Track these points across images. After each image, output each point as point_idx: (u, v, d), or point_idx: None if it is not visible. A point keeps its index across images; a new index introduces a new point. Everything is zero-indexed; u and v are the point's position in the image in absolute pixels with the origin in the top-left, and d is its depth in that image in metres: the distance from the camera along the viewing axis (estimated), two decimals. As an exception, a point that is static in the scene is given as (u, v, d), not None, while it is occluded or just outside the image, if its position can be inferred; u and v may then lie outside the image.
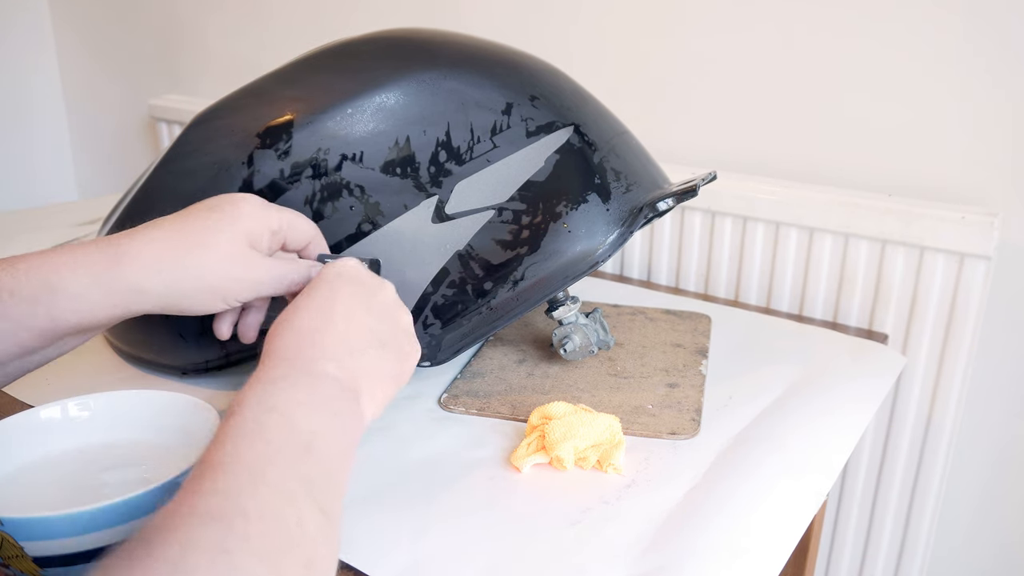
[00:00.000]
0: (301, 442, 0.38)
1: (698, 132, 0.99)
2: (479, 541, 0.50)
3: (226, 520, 0.32)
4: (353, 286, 0.49)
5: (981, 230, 0.77)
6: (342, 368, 0.44)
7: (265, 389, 0.41)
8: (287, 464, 0.37)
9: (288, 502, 0.35)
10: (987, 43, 0.80)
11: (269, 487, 0.35)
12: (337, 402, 0.43)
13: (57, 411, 0.51)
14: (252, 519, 0.33)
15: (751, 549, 0.49)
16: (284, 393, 0.41)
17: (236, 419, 0.38)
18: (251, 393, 0.40)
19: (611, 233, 0.61)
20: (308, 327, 0.45)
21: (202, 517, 0.32)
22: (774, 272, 0.91)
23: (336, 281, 0.48)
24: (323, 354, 0.44)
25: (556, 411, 0.59)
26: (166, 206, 0.62)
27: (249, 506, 0.33)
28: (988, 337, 0.86)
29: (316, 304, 0.47)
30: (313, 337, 0.45)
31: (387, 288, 0.51)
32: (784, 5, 0.89)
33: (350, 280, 0.49)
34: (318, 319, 0.46)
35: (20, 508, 0.45)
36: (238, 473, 0.35)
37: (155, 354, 0.67)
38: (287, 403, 0.40)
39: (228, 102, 0.64)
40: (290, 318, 0.46)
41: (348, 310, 0.47)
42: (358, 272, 0.50)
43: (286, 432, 0.38)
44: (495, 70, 0.63)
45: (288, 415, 0.39)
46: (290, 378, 0.42)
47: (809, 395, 0.67)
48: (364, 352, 0.46)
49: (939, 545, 0.94)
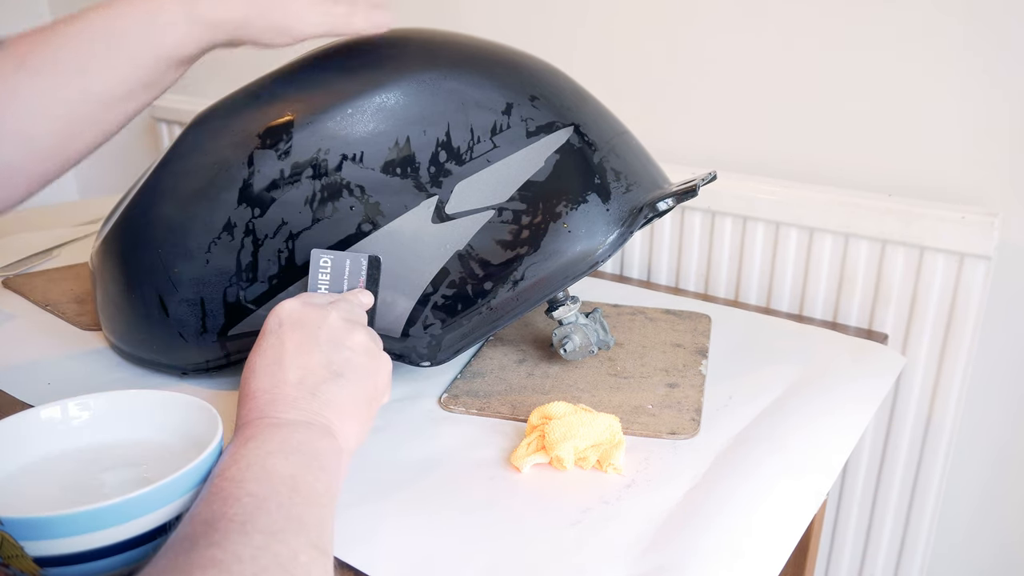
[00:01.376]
0: (285, 488, 0.40)
1: (698, 132, 0.99)
2: (479, 541, 0.50)
3: (224, 566, 0.34)
4: (297, 330, 0.49)
5: (981, 230, 0.77)
6: (305, 412, 0.46)
7: (239, 452, 0.43)
8: (275, 508, 0.39)
9: (281, 541, 0.37)
10: (986, 43, 0.80)
11: (261, 532, 0.37)
12: (310, 444, 0.44)
13: (57, 411, 0.51)
14: (246, 561, 0.35)
15: (751, 549, 0.49)
16: (258, 450, 0.43)
17: (218, 482, 0.40)
18: (228, 458, 0.42)
19: (611, 233, 0.61)
20: (263, 387, 0.47)
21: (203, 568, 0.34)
22: (774, 272, 0.91)
23: (279, 330, 0.50)
24: (285, 407, 0.46)
25: (556, 411, 0.59)
26: (166, 206, 0.63)
27: (243, 552, 0.35)
28: (988, 337, 0.86)
29: (266, 362, 0.48)
30: (271, 394, 0.47)
31: (330, 316, 0.51)
32: (784, 6, 0.89)
33: (293, 325, 0.50)
34: (271, 376, 0.48)
35: (20, 508, 0.45)
36: (229, 528, 0.37)
37: (155, 354, 0.67)
38: (263, 457, 0.42)
39: (228, 102, 0.64)
40: (247, 381, 0.48)
41: (297, 355, 0.48)
42: (300, 312, 0.51)
43: (267, 482, 0.40)
44: (495, 70, 0.63)
45: (266, 467, 0.41)
46: (259, 436, 0.44)
47: (809, 395, 0.67)
48: (322, 390, 0.47)
49: (939, 544, 0.94)
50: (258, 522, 0.37)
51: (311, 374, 0.48)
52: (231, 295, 0.62)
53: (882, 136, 0.87)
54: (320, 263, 0.57)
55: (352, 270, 0.57)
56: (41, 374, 0.70)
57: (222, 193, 0.60)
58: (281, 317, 0.50)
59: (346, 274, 0.57)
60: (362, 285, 0.58)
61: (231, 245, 0.61)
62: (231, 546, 0.35)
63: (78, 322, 0.80)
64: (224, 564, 0.34)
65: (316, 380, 0.48)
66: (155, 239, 0.63)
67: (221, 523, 0.37)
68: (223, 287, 0.62)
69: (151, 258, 0.63)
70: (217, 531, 0.36)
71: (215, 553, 0.35)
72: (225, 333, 0.63)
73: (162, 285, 0.63)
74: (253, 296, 0.61)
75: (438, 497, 0.54)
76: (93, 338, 0.76)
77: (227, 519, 0.37)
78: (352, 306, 0.54)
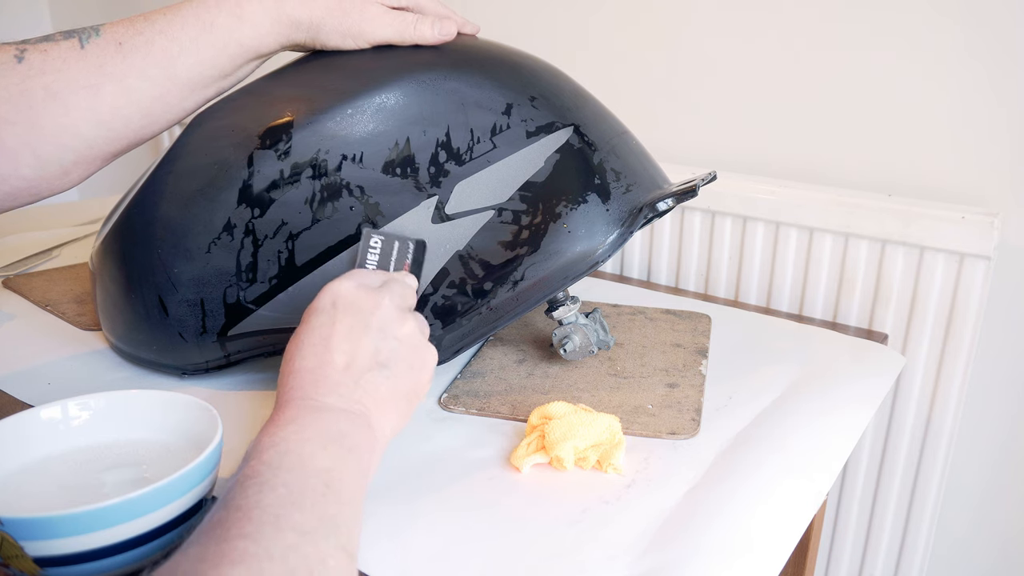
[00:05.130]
0: (319, 482, 0.40)
1: (698, 132, 0.99)
2: (479, 541, 0.50)
3: (254, 563, 0.34)
4: (349, 313, 0.49)
5: (981, 230, 0.77)
6: (347, 399, 0.46)
7: (278, 434, 0.43)
8: (310, 505, 0.39)
9: (312, 543, 0.37)
10: (986, 44, 0.80)
11: (294, 530, 0.37)
12: (348, 437, 0.44)
13: (57, 411, 0.51)
14: (276, 560, 0.35)
15: (751, 549, 0.49)
16: (296, 435, 0.43)
17: (255, 464, 0.40)
18: (266, 438, 0.42)
19: (611, 233, 0.61)
20: (309, 367, 0.47)
21: (232, 561, 0.34)
22: (774, 272, 0.91)
23: (332, 311, 0.49)
24: (327, 390, 0.46)
25: (556, 411, 0.59)
26: (166, 206, 0.63)
27: (274, 549, 0.35)
28: (988, 337, 0.86)
29: (314, 341, 0.48)
30: (315, 375, 0.47)
31: (383, 302, 0.50)
32: (785, 7, 0.89)
33: (346, 308, 0.49)
34: (316, 356, 0.47)
35: (20, 508, 0.45)
36: (263, 519, 0.37)
37: (155, 354, 0.67)
38: (300, 445, 0.42)
39: (228, 102, 0.64)
40: (292, 359, 0.48)
41: (346, 339, 0.48)
42: (355, 294, 0.50)
43: (303, 474, 0.40)
44: (495, 71, 0.63)
45: (302, 457, 0.41)
46: (299, 420, 0.44)
47: (809, 395, 0.67)
48: (367, 379, 0.48)
49: (939, 545, 0.94)
50: (291, 518, 0.37)
51: (357, 361, 0.48)
52: (231, 295, 0.62)
53: (882, 136, 0.87)
54: (371, 242, 0.57)
55: (399, 252, 0.57)
56: (41, 374, 0.70)
57: (222, 193, 0.60)
58: (335, 297, 0.50)
59: (393, 256, 0.57)
60: (407, 268, 0.57)
61: (231, 245, 0.61)
62: (264, 540, 0.35)
63: (78, 322, 0.80)
64: (255, 560, 0.34)
65: (361, 368, 0.48)
66: (155, 239, 0.63)
67: (255, 512, 0.37)
68: (223, 287, 0.62)
69: (151, 258, 0.63)
70: (251, 521, 0.36)
71: (248, 546, 0.35)
72: (225, 333, 0.63)
73: (162, 285, 0.63)
74: (253, 296, 0.61)
75: (438, 497, 0.54)
76: (93, 338, 0.76)
77: (261, 508, 0.37)
78: (405, 290, 0.53)
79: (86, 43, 0.57)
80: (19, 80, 0.55)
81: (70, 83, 0.56)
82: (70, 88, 0.56)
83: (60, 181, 0.59)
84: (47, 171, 0.58)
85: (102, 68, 0.57)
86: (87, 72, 0.56)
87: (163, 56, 0.58)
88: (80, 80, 0.56)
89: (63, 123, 0.56)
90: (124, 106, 0.58)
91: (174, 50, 0.58)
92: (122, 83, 0.57)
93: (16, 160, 0.56)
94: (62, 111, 0.56)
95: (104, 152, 0.59)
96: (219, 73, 0.60)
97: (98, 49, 0.57)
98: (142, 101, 0.58)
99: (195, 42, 0.58)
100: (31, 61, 0.56)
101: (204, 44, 0.59)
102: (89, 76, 0.56)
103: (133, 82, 0.57)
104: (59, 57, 0.56)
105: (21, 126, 0.55)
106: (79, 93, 0.56)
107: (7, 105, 0.55)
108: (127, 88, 0.57)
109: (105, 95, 0.57)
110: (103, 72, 0.57)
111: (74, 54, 0.56)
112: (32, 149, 0.56)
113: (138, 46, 0.57)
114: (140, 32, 0.58)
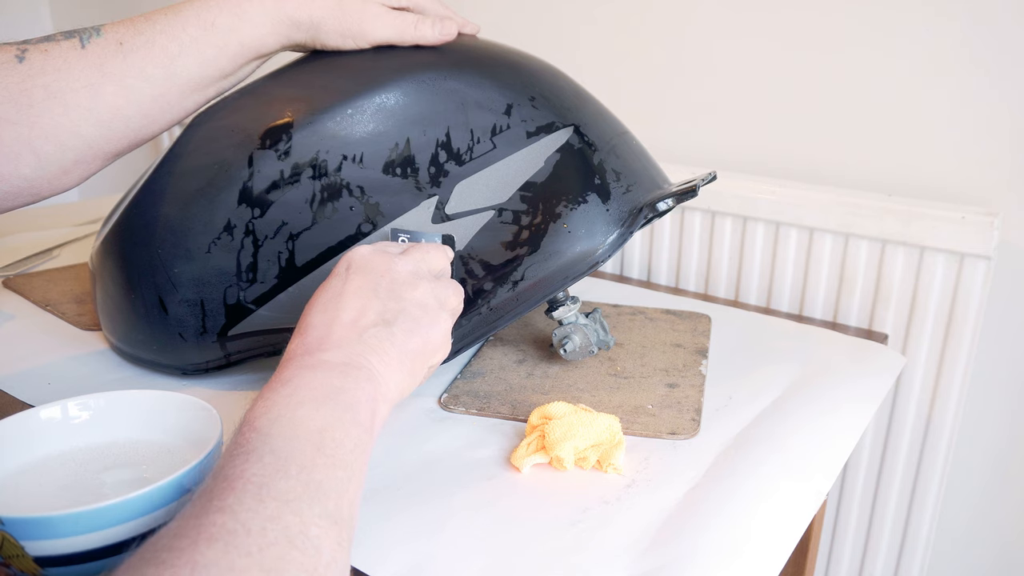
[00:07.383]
0: (310, 445, 0.39)
1: (698, 132, 0.99)
2: (479, 541, 0.50)
3: (231, 538, 0.33)
4: (361, 273, 0.50)
5: (981, 230, 0.77)
6: (348, 352, 0.46)
7: (272, 397, 0.42)
8: (296, 471, 0.38)
9: (294, 511, 0.36)
10: (986, 43, 0.80)
11: (276, 500, 0.36)
12: (346, 392, 0.44)
13: (57, 411, 0.51)
14: (254, 534, 0.34)
15: (751, 549, 0.49)
16: (290, 398, 0.42)
17: (245, 432, 0.40)
18: (260, 403, 0.42)
19: (611, 233, 0.61)
20: (316, 322, 0.48)
21: (209, 538, 0.33)
22: (774, 272, 0.91)
23: (345, 274, 0.50)
24: (330, 344, 0.46)
25: (556, 411, 0.59)
26: (166, 206, 0.63)
27: (253, 523, 0.34)
28: (988, 337, 0.86)
29: (325, 299, 0.49)
30: (320, 331, 0.47)
31: (396, 265, 0.51)
32: (785, 7, 0.89)
33: (359, 269, 0.50)
34: (325, 312, 0.48)
35: (20, 508, 0.45)
36: (246, 490, 0.36)
37: (155, 354, 0.67)
38: (293, 408, 0.41)
39: (228, 102, 0.64)
40: (305, 314, 0.49)
41: (355, 297, 0.49)
42: (369, 258, 0.51)
43: (293, 439, 0.39)
44: (495, 71, 0.63)
45: (293, 421, 0.40)
46: (295, 379, 0.43)
47: (809, 395, 0.67)
48: (370, 334, 0.47)
49: (939, 544, 0.94)
50: (276, 486, 0.37)
51: (363, 317, 0.48)
52: (231, 296, 0.62)
53: (882, 136, 0.87)
54: (398, 240, 0.57)
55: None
56: (41, 374, 0.70)
57: (222, 194, 0.60)
58: (351, 260, 0.51)
59: None
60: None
61: (231, 246, 0.61)
62: (243, 513, 0.35)
63: (78, 322, 0.80)
64: (231, 535, 0.33)
65: (366, 323, 0.48)
66: (155, 239, 0.63)
67: (239, 483, 0.36)
68: (223, 288, 0.62)
69: (151, 258, 0.63)
70: (234, 491, 0.36)
71: (225, 520, 0.34)
72: (225, 333, 0.63)
73: (162, 285, 0.63)
74: (253, 296, 0.61)
75: (438, 497, 0.54)
76: (93, 338, 0.77)
77: (245, 479, 0.36)
78: (425, 256, 0.54)
79: (87, 43, 0.57)
80: (20, 80, 0.55)
81: (71, 83, 0.56)
82: (71, 88, 0.56)
83: (60, 181, 0.59)
84: (47, 171, 0.58)
85: (103, 68, 0.57)
86: (88, 72, 0.57)
87: (163, 56, 0.58)
88: (81, 80, 0.56)
89: (63, 123, 0.56)
90: (124, 106, 0.58)
91: (174, 50, 0.58)
92: (122, 83, 0.57)
93: (16, 160, 0.56)
94: (62, 111, 0.56)
95: (104, 152, 0.60)
96: (219, 73, 0.61)
97: (99, 49, 0.57)
98: (142, 101, 0.59)
99: (196, 42, 0.59)
100: (32, 61, 0.56)
101: (205, 44, 0.59)
102: (90, 76, 0.57)
103: (133, 82, 0.58)
104: (60, 57, 0.56)
105: (22, 126, 0.55)
106: (79, 93, 0.56)
107: (8, 105, 0.55)
108: (127, 88, 0.58)
109: (105, 95, 0.57)
110: (103, 72, 0.57)
111: (75, 54, 0.57)
112: (32, 149, 0.56)
113: (139, 46, 0.58)
114: (141, 32, 0.58)
